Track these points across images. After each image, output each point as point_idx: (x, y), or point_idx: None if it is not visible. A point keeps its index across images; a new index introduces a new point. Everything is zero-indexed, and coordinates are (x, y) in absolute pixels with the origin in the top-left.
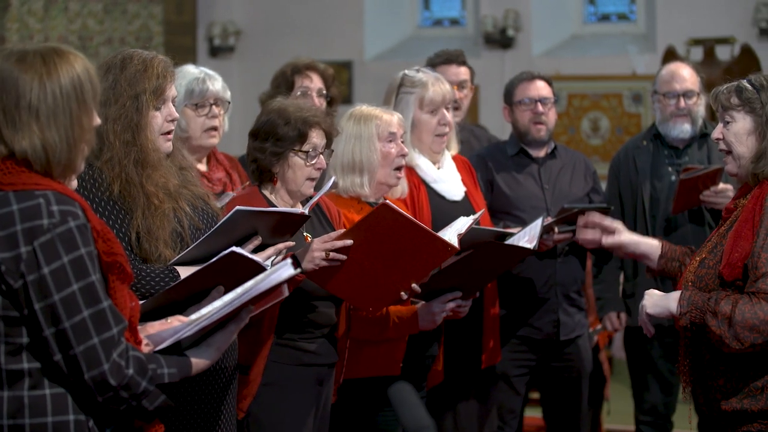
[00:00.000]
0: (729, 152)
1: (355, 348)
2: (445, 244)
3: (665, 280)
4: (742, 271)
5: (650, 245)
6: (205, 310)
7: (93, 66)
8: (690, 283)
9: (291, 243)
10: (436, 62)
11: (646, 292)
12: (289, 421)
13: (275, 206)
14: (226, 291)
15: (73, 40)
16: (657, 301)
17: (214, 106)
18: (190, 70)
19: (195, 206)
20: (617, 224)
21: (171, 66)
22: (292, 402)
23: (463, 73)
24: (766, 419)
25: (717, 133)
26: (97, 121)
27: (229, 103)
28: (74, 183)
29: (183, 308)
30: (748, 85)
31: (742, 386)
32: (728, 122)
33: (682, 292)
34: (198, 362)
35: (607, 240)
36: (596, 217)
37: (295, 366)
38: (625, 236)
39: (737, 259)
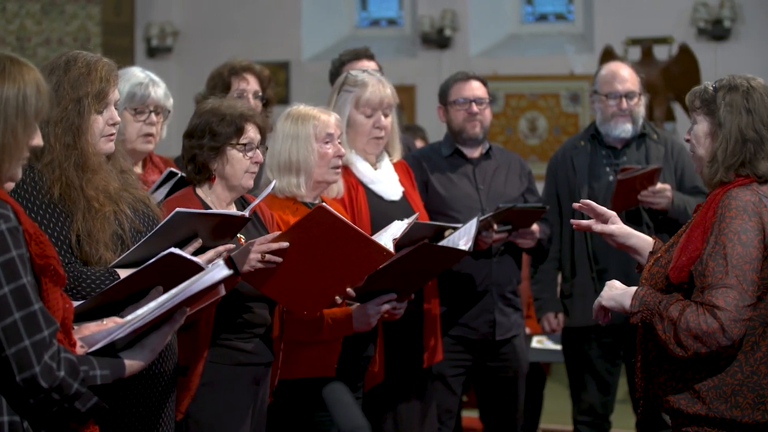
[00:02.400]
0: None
1: (291, 349)
2: (381, 249)
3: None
4: (688, 275)
5: (642, 240)
6: (139, 312)
7: (46, 85)
8: (644, 280)
9: (231, 245)
10: (345, 60)
11: (608, 283)
12: (227, 420)
13: (209, 207)
14: (166, 291)
15: (11, 40)
16: (614, 295)
17: (153, 114)
18: (136, 74)
19: (136, 209)
20: (611, 212)
21: (115, 69)
22: (229, 402)
23: (372, 67)
24: (702, 424)
25: (687, 133)
26: (38, 141)
27: (170, 111)
28: (10, 186)
29: (122, 308)
30: (710, 87)
31: (681, 386)
32: (693, 124)
33: (636, 291)
34: (131, 363)
35: (598, 227)
36: (591, 204)
37: (232, 366)
38: (618, 226)
39: (684, 264)
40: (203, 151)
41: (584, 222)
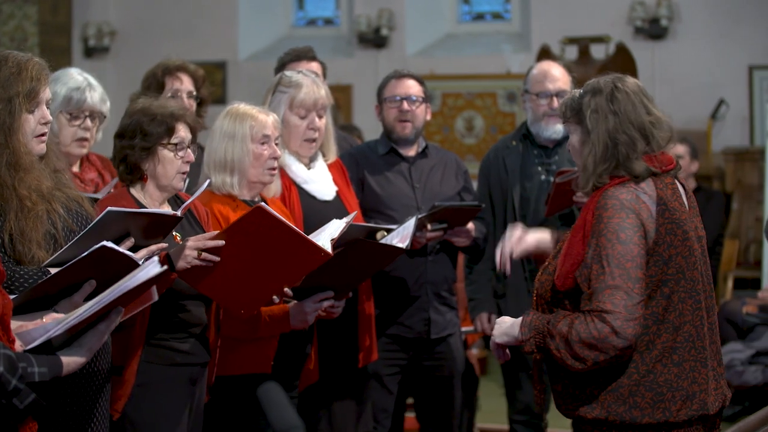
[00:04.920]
0: None
1: (227, 345)
2: (318, 250)
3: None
4: (574, 281)
5: (546, 242)
6: (75, 310)
7: None
8: (535, 290)
9: (164, 245)
10: (286, 60)
11: (497, 320)
12: (163, 420)
13: (144, 206)
14: (99, 285)
15: None
16: (505, 329)
17: (88, 119)
18: (74, 76)
19: (69, 208)
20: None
21: (46, 68)
22: (165, 402)
23: (314, 68)
24: (603, 429)
25: (568, 144)
26: None
27: (105, 116)
28: None
29: (55, 302)
30: (576, 95)
31: (579, 393)
32: (570, 135)
33: (523, 318)
34: (69, 361)
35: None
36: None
37: (168, 366)
38: (527, 248)
39: (569, 270)
40: (135, 152)
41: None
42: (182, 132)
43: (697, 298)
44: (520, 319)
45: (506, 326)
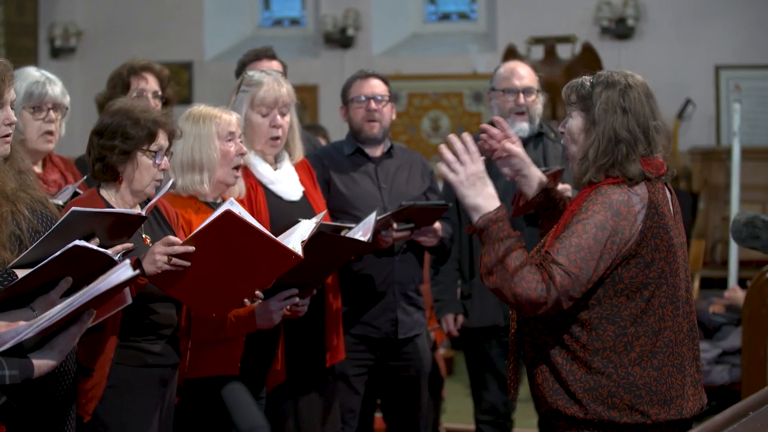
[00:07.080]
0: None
1: (194, 347)
2: (289, 252)
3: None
4: None
5: (537, 174)
6: (47, 313)
7: None
8: None
9: (129, 245)
10: (246, 61)
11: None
12: (134, 422)
13: (113, 208)
14: (75, 282)
15: None
16: (482, 191)
17: (51, 111)
18: (32, 73)
19: (34, 209)
20: (514, 137)
21: (10, 69)
22: (137, 403)
23: (274, 67)
24: (581, 427)
25: (561, 126)
26: None
27: (68, 108)
28: None
29: (31, 299)
30: (586, 82)
31: (558, 388)
32: (568, 118)
33: (489, 212)
34: (40, 364)
35: (506, 144)
36: (502, 122)
37: (139, 367)
38: (520, 150)
39: None
40: (113, 154)
41: (494, 130)
42: (162, 140)
43: (677, 305)
44: (493, 203)
45: (485, 192)
